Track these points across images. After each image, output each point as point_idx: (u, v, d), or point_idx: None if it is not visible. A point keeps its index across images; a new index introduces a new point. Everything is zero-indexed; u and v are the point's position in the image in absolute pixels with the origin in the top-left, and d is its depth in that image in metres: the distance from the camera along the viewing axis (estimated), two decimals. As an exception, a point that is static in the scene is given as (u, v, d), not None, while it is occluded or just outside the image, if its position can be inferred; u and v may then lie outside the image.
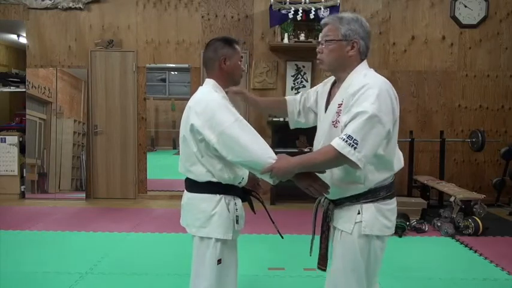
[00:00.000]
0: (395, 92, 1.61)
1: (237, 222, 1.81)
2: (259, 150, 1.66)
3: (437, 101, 5.65)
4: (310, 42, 5.30)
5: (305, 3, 5.21)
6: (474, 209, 4.37)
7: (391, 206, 1.69)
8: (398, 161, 1.71)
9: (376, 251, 1.66)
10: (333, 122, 1.66)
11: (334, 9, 5.16)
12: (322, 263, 1.77)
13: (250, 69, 5.59)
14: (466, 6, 5.54)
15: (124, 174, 5.73)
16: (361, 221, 1.63)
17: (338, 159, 1.52)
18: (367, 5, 5.59)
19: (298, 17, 5.12)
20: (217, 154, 1.72)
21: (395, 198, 1.72)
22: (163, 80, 12.03)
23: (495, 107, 5.67)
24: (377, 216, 1.64)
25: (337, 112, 1.65)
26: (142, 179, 5.79)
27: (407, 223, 4.17)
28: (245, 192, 1.89)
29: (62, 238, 4.00)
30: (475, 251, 3.70)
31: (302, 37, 5.33)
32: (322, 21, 1.74)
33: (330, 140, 1.60)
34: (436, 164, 5.41)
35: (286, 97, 2.08)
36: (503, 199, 5.44)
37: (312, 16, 5.10)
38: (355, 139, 1.48)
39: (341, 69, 1.70)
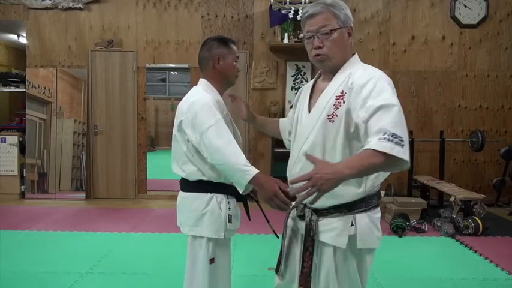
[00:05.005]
0: None
1: (230, 221, 1.79)
2: (231, 155, 1.65)
3: (437, 101, 5.64)
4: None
5: (305, 3, 5.21)
6: (474, 209, 4.37)
7: (379, 215, 1.54)
8: None
9: (367, 265, 1.51)
10: (328, 116, 1.45)
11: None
12: (305, 283, 1.49)
13: (250, 69, 5.59)
14: (466, 6, 5.54)
15: (124, 174, 5.73)
16: (355, 234, 1.45)
17: (384, 163, 1.27)
18: (367, 5, 5.59)
19: (298, 17, 5.11)
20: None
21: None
22: (163, 80, 12.04)
23: (495, 107, 5.67)
24: (371, 227, 1.48)
25: (334, 105, 1.44)
26: (142, 179, 5.79)
27: (407, 223, 4.16)
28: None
29: (62, 238, 3.99)
30: (475, 251, 3.70)
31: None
32: (311, 11, 1.49)
33: (324, 138, 1.45)
34: (436, 164, 5.41)
35: (280, 118, 1.98)
36: (503, 199, 5.44)
37: (312, 16, 5.10)
38: (399, 136, 1.28)
39: (342, 62, 1.51)
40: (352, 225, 1.45)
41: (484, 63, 5.63)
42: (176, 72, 11.81)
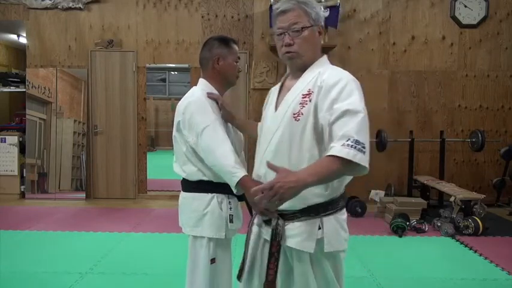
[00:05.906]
0: None
1: (231, 221, 1.79)
2: (222, 157, 1.66)
3: (437, 101, 5.64)
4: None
5: (305, 3, 5.21)
6: (474, 209, 4.37)
7: (345, 216, 1.52)
8: None
9: (341, 265, 1.49)
10: (294, 114, 1.42)
11: (334, 9, 5.16)
12: None
13: (250, 69, 5.59)
14: (466, 6, 5.53)
15: (124, 174, 5.73)
16: (323, 237, 1.42)
17: (346, 168, 1.30)
18: (367, 5, 5.58)
19: (298, 17, 5.11)
20: None
21: None
22: (163, 80, 12.04)
23: (495, 107, 5.67)
24: (338, 230, 1.45)
25: (300, 103, 1.42)
26: (142, 179, 5.79)
27: (407, 223, 4.17)
28: None
29: (62, 238, 3.99)
30: (475, 251, 3.70)
31: (302, 37, 5.33)
32: (282, 8, 1.47)
33: (291, 137, 1.42)
34: (436, 164, 5.40)
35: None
36: (503, 199, 5.44)
37: (312, 16, 5.09)
38: (362, 143, 1.30)
39: (312, 61, 1.50)
40: (319, 228, 1.43)
41: (484, 63, 5.63)
42: (176, 72, 11.81)
